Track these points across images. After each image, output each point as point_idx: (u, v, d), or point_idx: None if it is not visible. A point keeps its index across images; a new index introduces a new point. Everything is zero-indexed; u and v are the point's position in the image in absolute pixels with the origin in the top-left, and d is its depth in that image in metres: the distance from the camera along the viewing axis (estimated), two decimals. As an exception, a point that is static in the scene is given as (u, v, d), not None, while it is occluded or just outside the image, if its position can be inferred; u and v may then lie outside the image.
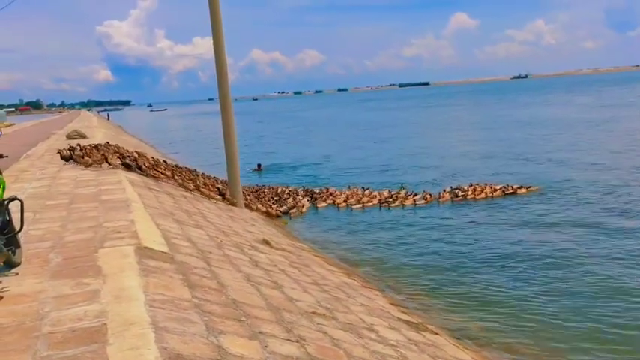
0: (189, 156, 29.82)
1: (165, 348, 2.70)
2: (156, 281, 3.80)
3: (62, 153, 12.01)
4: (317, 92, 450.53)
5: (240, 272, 5.09)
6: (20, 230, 4.00)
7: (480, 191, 15.03)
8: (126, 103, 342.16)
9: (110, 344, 2.73)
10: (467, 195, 14.90)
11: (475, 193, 14.94)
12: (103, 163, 10.89)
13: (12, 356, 2.70)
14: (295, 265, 6.87)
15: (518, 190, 15.05)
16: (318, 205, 15.09)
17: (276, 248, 7.65)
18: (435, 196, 15.06)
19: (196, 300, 3.65)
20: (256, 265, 5.75)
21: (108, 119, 67.80)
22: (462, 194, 14.96)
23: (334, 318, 4.62)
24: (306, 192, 16.68)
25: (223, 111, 12.32)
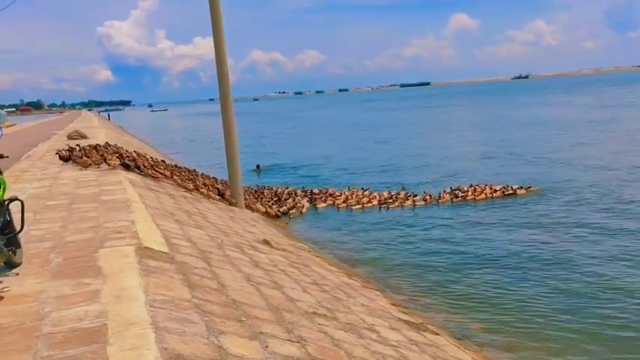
0: (189, 156, 29.85)
1: (165, 348, 2.70)
2: (156, 281, 3.80)
3: (61, 153, 11.99)
4: (318, 93, 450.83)
5: (240, 272, 5.08)
6: (21, 230, 4.00)
7: (480, 192, 15.03)
8: (126, 104, 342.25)
9: (110, 344, 2.73)
10: (467, 196, 14.90)
11: (475, 194, 14.94)
12: (102, 164, 10.88)
13: (12, 356, 2.70)
14: (295, 266, 6.86)
15: (517, 191, 15.05)
16: (317, 206, 15.09)
17: (276, 248, 7.65)
18: (435, 197, 15.06)
19: (197, 300, 3.65)
20: (257, 266, 5.75)
21: (108, 119, 67.83)
22: (462, 195, 14.96)
23: (335, 318, 4.62)
24: (305, 192, 16.66)
25: (224, 111, 12.32)
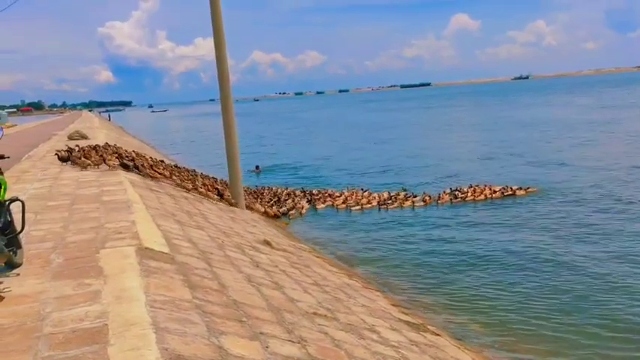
0: (190, 157, 29.86)
1: (166, 349, 2.70)
2: (157, 282, 3.80)
3: (60, 154, 11.97)
4: (318, 93, 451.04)
5: (241, 273, 5.09)
6: (21, 231, 4.00)
7: (480, 193, 15.04)
8: (127, 104, 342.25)
9: (111, 345, 2.74)
10: (466, 196, 14.91)
11: (475, 195, 14.94)
12: (101, 164, 10.86)
13: (13, 357, 2.71)
14: (296, 266, 6.86)
15: (517, 192, 15.06)
16: (317, 207, 15.08)
17: (277, 249, 7.65)
18: (435, 198, 15.06)
19: (197, 301, 3.65)
20: (257, 266, 5.75)
21: (109, 120, 67.85)
22: (462, 196, 14.97)
23: (335, 319, 4.62)
24: (304, 193, 16.62)
25: (224, 112, 12.32)
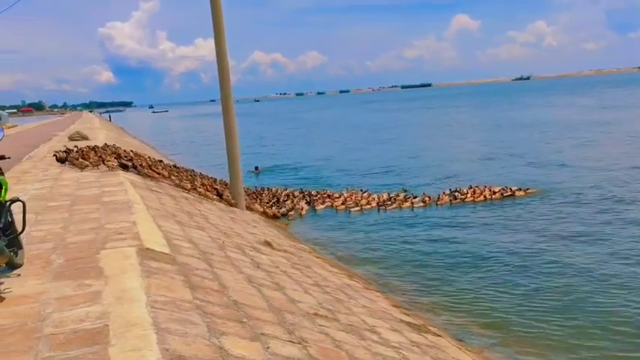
0: (190, 157, 29.88)
1: (166, 349, 2.70)
2: (157, 283, 3.80)
3: (58, 155, 11.96)
4: (319, 94, 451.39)
5: (241, 274, 5.08)
6: (22, 231, 4.00)
7: (480, 194, 15.04)
8: (128, 105, 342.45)
9: (112, 345, 2.74)
10: (465, 197, 14.91)
11: (474, 196, 14.94)
12: (100, 165, 10.85)
13: (14, 357, 2.71)
14: (297, 267, 6.86)
15: (516, 193, 15.06)
16: (316, 208, 15.06)
17: (277, 250, 7.65)
18: (434, 199, 15.06)
19: (198, 301, 3.65)
20: (258, 267, 5.74)
21: (110, 121, 67.89)
22: (461, 197, 14.97)
23: (336, 320, 4.61)
24: (303, 194, 16.59)
25: (225, 112, 12.32)
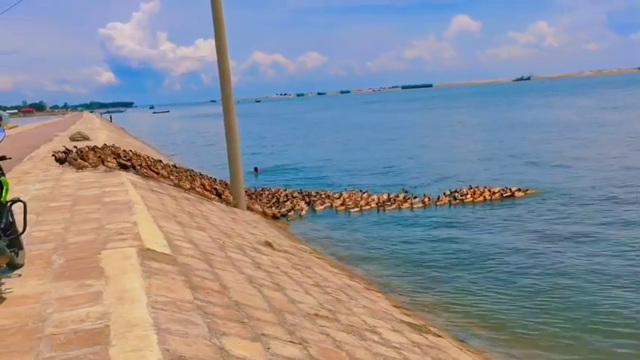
0: (191, 157, 29.90)
1: (167, 350, 2.70)
2: (158, 283, 3.80)
3: (57, 155, 11.96)
4: (319, 94, 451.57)
5: (242, 274, 5.08)
6: (23, 232, 4.00)
7: (479, 194, 15.04)
8: (128, 105, 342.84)
9: (113, 346, 2.73)
10: (465, 198, 14.90)
11: (474, 197, 14.94)
12: (99, 165, 10.84)
13: (15, 358, 2.71)
14: (297, 267, 6.86)
15: (516, 193, 15.06)
16: (316, 208, 15.05)
17: (278, 250, 7.65)
18: (434, 199, 15.05)
19: (198, 302, 3.65)
20: (258, 267, 5.75)
21: (110, 121, 67.93)
22: (460, 197, 14.96)
23: (336, 320, 4.61)
24: (302, 195, 16.56)
25: (226, 113, 12.33)
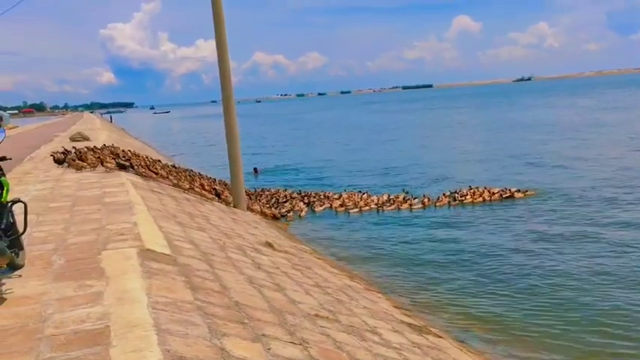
0: (192, 157, 29.92)
1: (168, 350, 2.70)
2: (158, 283, 3.80)
3: (55, 156, 11.97)
4: (320, 95, 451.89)
5: (242, 275, 5.08)
6: (23, 232, 4.00)
7: (479, 195, 15.04)
8: (129, 106, 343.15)
9: (113, 346, 2.74)
10: (464, 199, 14.89)
11: (473, 197, 14.93)
12: (98, 166, 10.84)
13: (15, 358, 2.71)
14: (298, 268, 6.86)
15: (515, 194, 15.06)
16: (315, 209, 15.05)
17: (278, 251, 7.65)
18: (433, 200, 15.05)
19: (199, 302, 3.65)
20: (259, 268, 5.74)
21: (111, 121, 67.95)
22: (460, 198, 14.96)
23: (337, 321, 4.61)
24: (301, 196, 16.54)
25: (226, 113, 12.33)
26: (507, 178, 17.91)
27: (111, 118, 78.13)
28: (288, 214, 14.19)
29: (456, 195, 15.21)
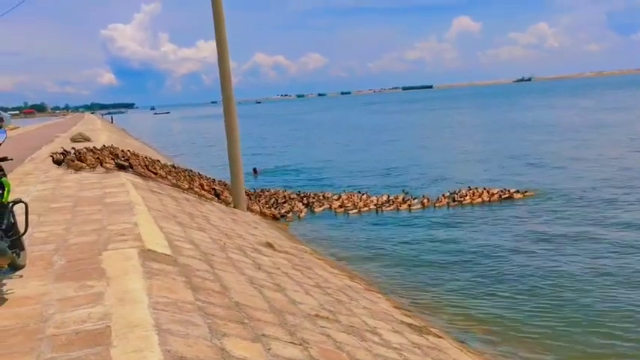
0: (192, 158, 29.92)
1: (168, 351, 2.71)
2: (159, 284, 3.81)
3: (54, 157, 11.97)
4: (320, 95, 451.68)
5: (243, 275, 5.09)
6: (24, 233, 4.01)
7: (478, 196, 15.04)
8: (129, 106, 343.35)
9: (114, 347, 2.74)
10: (464, 200, 14.90)
11: (472, 198, 14.93)
12: (97, 167, 10.85)
13: (16, 359, 2.72)
14: (298, 268, 6.87)
15: (514, 195, 15.06)
16: (315, 210, 15.05)
17: (279, 251, 7.65)
18: (433, 201, 15.05)
19: (199, 303, 3.66)
20: (259, 268, 5.75)
21: (111, 122, 67.96)
22: (459, 199, 14.96)
23: (337, 321, 4.62)
24: (300, 197, 16.53)
25: (226, 114, 12.34)
26: (507, 179, 17.91)
27: (112, 119, 78.12)
28: (287, 215, 14.20)
29: (455, 196, 15.21)
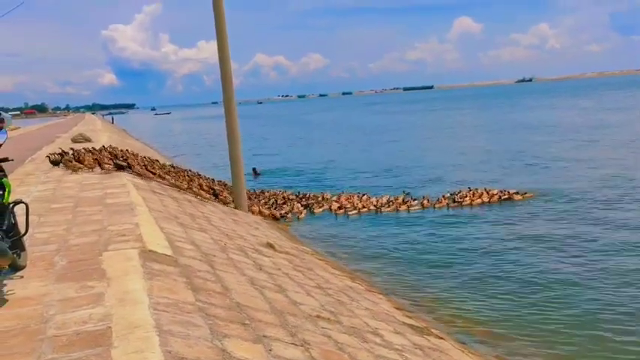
0: (192, 158, 29.93)
1: (169, 351, 2.70)
2: (160, 284, 3.81)
3: (51, 157, 11.96)
4: (321, 96, 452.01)
5: (244, 276, 5.09)
6: (25, 233, 4.01)
7: (478, 197, 15.03)
8: (130, 107, 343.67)
9: (115, 347, 2.74)
10: (463, 201, 14.88)
11: (472, 199, 14.92)
12: (95, 167, 10.83)
13: (17, 359, 2.71)
14: (299, 269, 6.86)
15: (514, 196, 15.04)
16: (314, 211, 15.03)
17: (280, 252, 7.65)
18: (432, 202, 15.04)
19: (200, 303, 3.65)
20: (260, 269, 5.75)
21: (112, 123, 68.00)
22: (459, 200, 14.95)
23: (338, 322, 4.61)
24: (299, 198, 16.49)
25: (227, 114, 12.34)
26: (508, 180, 17.90)
27: (112, 120, 78.15)
28: (287, 216, 14.18)
29: (455, 196, 15.20)
